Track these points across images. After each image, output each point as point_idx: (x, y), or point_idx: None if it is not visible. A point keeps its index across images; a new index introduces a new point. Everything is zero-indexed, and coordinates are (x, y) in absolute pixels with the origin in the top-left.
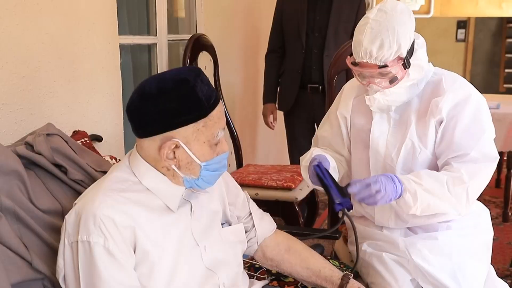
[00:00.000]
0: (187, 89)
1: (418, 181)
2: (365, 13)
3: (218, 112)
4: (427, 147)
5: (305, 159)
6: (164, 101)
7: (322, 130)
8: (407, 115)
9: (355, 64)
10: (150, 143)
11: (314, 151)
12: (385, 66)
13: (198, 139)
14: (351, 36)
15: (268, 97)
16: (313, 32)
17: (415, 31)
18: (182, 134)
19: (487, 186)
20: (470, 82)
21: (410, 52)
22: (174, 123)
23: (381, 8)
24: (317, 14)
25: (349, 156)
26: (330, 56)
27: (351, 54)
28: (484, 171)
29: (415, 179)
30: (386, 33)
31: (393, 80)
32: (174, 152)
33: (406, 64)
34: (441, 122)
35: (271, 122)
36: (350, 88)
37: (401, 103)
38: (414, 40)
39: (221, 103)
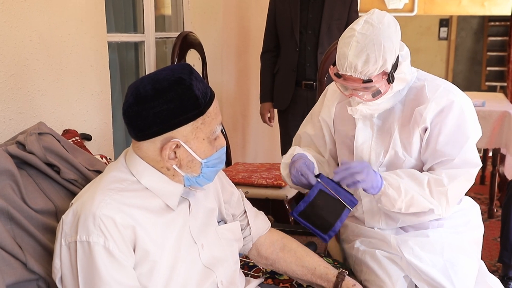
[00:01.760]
0: (184, 88)
1: (399, 179)
2: (357, 10)
3: (214, 108)
4: (411, 155)
5: (286, 156)
6: (162, 103)
7: (305, 129)
8: (390, 122)
9: (338, 76)
10: (150, 145)
11: (296, 150)
12: (370, 81)
13: (197, 137)
14: None
15: (265, 96)
16: (307, 30)
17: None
18: (182, 133)
19: None
20: (452, 80)
21: (395, 66)
22: (173, 123)
23: (368, 21)
24: (310, 12)
25: (331, 159)
26: (324, 53)
27: (334, 64)
28: (464, 176)
29: (396, 177)
30: (372, 48)
31: (376, 94)
32: (175, 152)
33: (390, 79)
34: (426, 130)
35: (269, 119)
36: (332, 92)
37: (383, 110)
38: (398, 53)
39: (216, 98)
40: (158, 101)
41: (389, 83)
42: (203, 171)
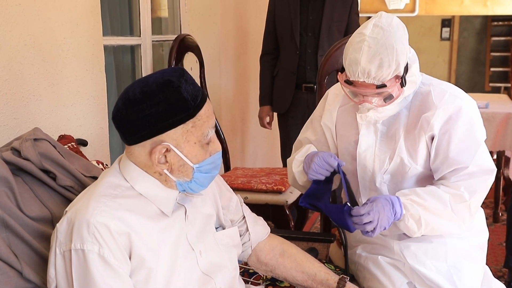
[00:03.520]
0: (172, 90)
1: (422, 202)
2: (357, 11)
3: (206, 111)
4: (417, 162)
5: (299, 154)
6: (149, 106)
7: (305, 135)
8: (395, 128)
9: (349, 82)
10: (140, 150)
11: (310, 148)
12: (383, 86)
13: (188, 140)
14: (345, 35)
15: (264, 100)
16: (307, 32)
17: None
18: (172, 137)
19: None
20: (455, 82)
21: (406, 69)
22: (162, 126)
23: (377, 24)
24: (310, 14)
25: None
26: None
27: (342, 70)
28: (482, 185)
29: (418, 200)
30: (385, 51)
31: (388, 98)
32: (165, 156)
33: (403, 82)
34: (433, 138)
35: (268, 123)
36: (334, 96)
37: (390, 116)
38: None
39: (208, 101)
40: (146, 104)
41: (402, 87)
42: (195, 176)
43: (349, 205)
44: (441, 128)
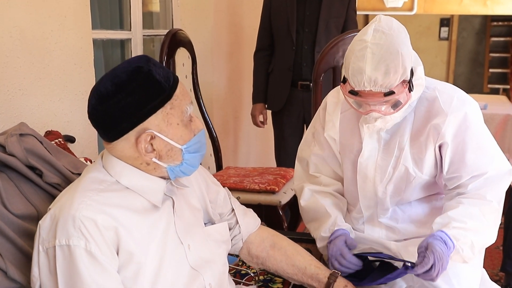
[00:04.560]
0: (144, 76)
1: (463, 226)
2: (355, 8)
3: (181, 90)
4: (423, 171)
5: (324, 228)
6: (125, 96)
7: (312, 152)
8: (399, 136)
9: (354, 93)
10: (124, 143)
11: (337, 221)
12: (392, 92)
13: (170, 123)
14: (342, 31)
15: (258, 97)
16: (303, 28)
17: None
18: (153, 123)
19: None
20: (453, 83)
21: (411, 73)
22: (141, 114)
23: (378, 29)
24: (307, 9)
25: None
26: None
27: (344, 81)
28: (505, 188)
29: (460, 225)
30: (390, 57)
31: (396, 105)
32: (151, 144)
33: (411, 87)
34: (442, 146)
35: (261, 122)
36: (333, 104)
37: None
38: None
39: (180, 81)
40: (121, 95)
41: (410, 92)
42: (185, 158)
43: (408, 264)
44: (454, 135)
